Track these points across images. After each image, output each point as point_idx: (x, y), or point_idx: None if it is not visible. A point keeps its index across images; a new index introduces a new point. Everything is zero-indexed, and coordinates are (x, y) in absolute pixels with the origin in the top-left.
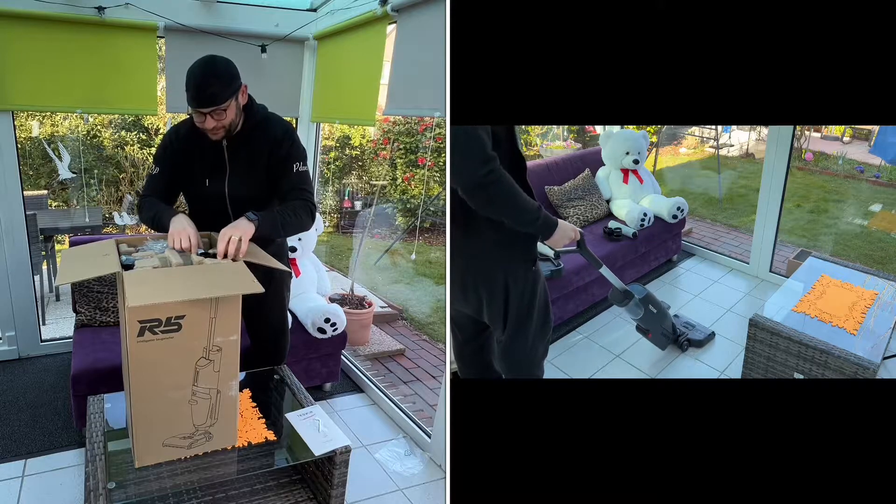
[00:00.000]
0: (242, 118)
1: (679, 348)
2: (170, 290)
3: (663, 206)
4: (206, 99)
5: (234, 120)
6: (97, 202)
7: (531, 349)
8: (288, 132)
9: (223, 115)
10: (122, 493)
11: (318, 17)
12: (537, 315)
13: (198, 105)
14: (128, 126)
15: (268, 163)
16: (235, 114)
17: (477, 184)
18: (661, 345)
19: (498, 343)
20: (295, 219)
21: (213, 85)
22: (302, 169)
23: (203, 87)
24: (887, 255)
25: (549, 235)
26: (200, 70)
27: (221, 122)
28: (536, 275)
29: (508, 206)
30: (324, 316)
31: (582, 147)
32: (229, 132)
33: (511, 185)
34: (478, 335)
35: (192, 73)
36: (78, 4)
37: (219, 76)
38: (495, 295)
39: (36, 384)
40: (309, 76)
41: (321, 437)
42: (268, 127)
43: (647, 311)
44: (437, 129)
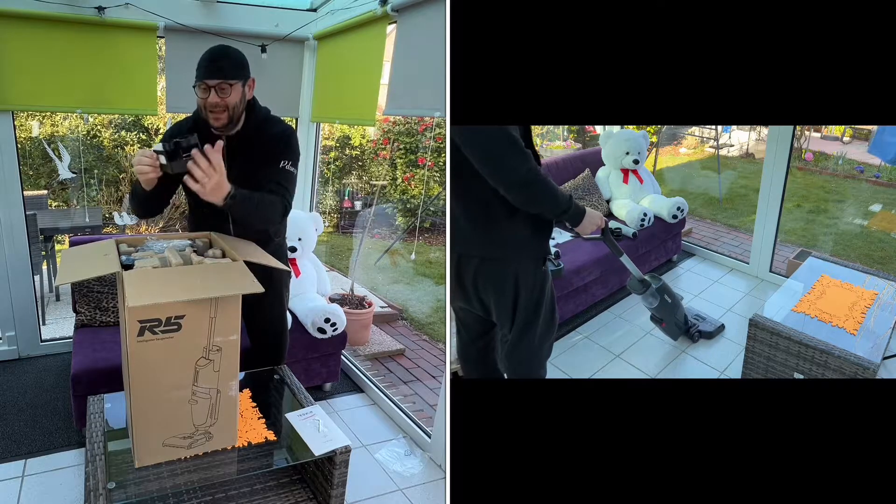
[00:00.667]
0: (244, 117)
1: (690, 339)
2: (169, 291)
3: (663, 206)
4: (216, 69)
5: (237, 105)
6: (97, 202)
7: (537, 348)
8: (285, 132)
9: (228, 90)
10: (122, 493)
11: (318, 17)
12: (544, 314)
13: (206, 75)
14: (128, 126)
15: (264, 160)
16: (240, 100)
17: (522, 181)
18: (674, 335)
19: (503, 342)
20: (268, 207)
21: (224, 59)
22: (289, 168)
23: (214, 59)
24: (887, 255)
25: (579, 223)
26: (214, 48)
27: (225, 101)
28: (545, 274)
29: (548, 199)
30: (324, 316)
31: (582, 147)
32: (231, 123)
33: (548, 179)
34: (484, 334)
35: (205, 53)
36: (78, 4)
37: (230, 56)
38: (505, 293)
39: (36, 384)
40: (309, 76)
41: (321, 437)
42: (268, 127)
43: (663, 301)
44: (437, 129)
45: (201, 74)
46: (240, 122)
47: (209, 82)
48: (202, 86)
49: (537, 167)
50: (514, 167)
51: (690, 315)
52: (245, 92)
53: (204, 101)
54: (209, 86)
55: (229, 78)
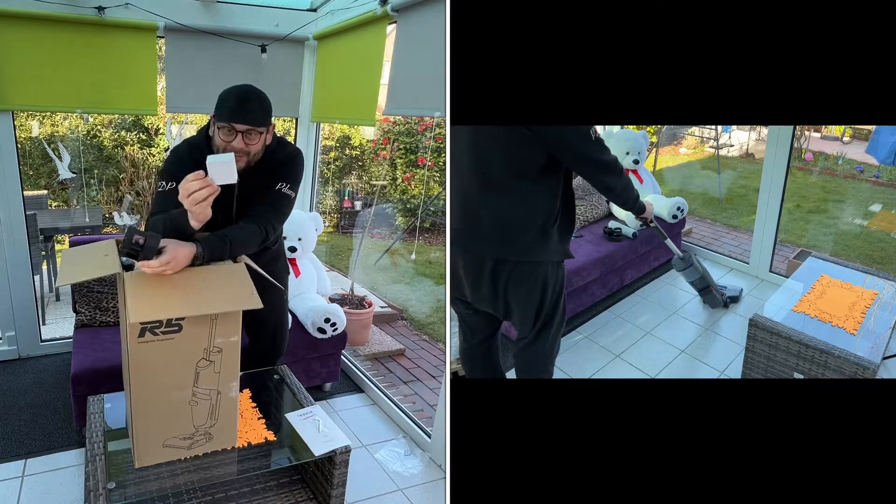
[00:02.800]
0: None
1: (723, 305)
2: (171, 301)
3: (663, 206)
4: (246, 113)
5: (258, 153)
6: (97, 202)
7: (551, 345)
8: (289, 156)
9: (256, 138)
10: (122, 494)
11: (318, 17)
12: (560, 312)
13: (234, 117)
14: (128, 126)
15: (265, 183)
16: (262, 148)
17: (621, 170)
18: (716, 303)
19: (518, 341)
20: (242, 245)
21: (255, 102)
22: (285, 191)
23: (246, 101)
24: (887, 255)
25: (643, 210)
26: (243, 88)
27: (248, 148)
28: (565, 271)
29: (630, 186)
30: (324, 316)
31: None
32: (246, 167)
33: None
34: (491, 336)
35: (232, 91)
36: (78, 4)
37: (261, 100)
38: (532, 294)
39: (36, 384)
40: (309, 76)
41: (321, 437)
42: (278, 151)
43: (704, 272)
44: (437, 129)
45: (228, 116)
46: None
47: (237, 126)
48: (227, 128)
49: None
50: (611, 160)
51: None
52: (266, 139)
53: (226, 144)
54: (236, 130)
55: (259, 125)
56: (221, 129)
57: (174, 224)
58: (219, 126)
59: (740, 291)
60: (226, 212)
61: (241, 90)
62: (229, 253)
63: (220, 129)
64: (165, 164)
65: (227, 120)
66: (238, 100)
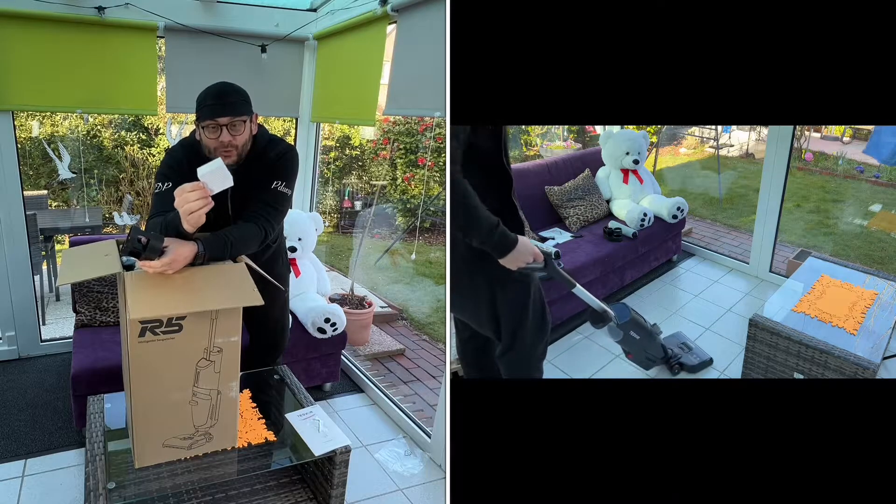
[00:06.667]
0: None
1: (669, 371)
2: (171, 299)
3: (663, 206)
4: (226, 106)
5: (246, 143)
6: (97, 202)
7: (529, 351)
8: (284, 153)
9: (241, 128)
10: (122, 494)
11: (318, 17)
12: (532, 317)
13: (217, 113)
14: (128, 126)
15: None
16: (248, 138)
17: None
18: (645, 366)
19: (496, 344)
20: (241, 243)
21: (232, 95)
22: (281, 189)
23: (223, 96)
24: (887, 255)
25: (503, 254)
26: (218, 85)
27: (235, 140)
28: (526, 276)
29: (460, 213)
30: (324, 316)
31: (582, 147)
32: (238, 160)
33: (466, 192)
34: (478, 333)
35: (208, 90)
36: (78, 4)
37: (238, 91)
38: (481, 305)
39: (36, 384)
40: (309, 76)
41: (321, 437)
42: (270, 148)
43: (628, 336)
44: (437, 129)
45: (208, 113)
46: (246, 153)
47: (220, 121)
48: (211, 125)
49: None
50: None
51: (675, 344)
52: (251, 128)
53: (215, 142)
54: (220, 124)
55: (240, 115)
56: (206, 128)
57: (171, 226)
58: (203, 126)
59: (706, 361)
60: (221, 214)
61: (215, 87)
62: (230, 253)
63: (205, 128)
64: (161, 166)
65: (209, 117)
66: (214, 96)
